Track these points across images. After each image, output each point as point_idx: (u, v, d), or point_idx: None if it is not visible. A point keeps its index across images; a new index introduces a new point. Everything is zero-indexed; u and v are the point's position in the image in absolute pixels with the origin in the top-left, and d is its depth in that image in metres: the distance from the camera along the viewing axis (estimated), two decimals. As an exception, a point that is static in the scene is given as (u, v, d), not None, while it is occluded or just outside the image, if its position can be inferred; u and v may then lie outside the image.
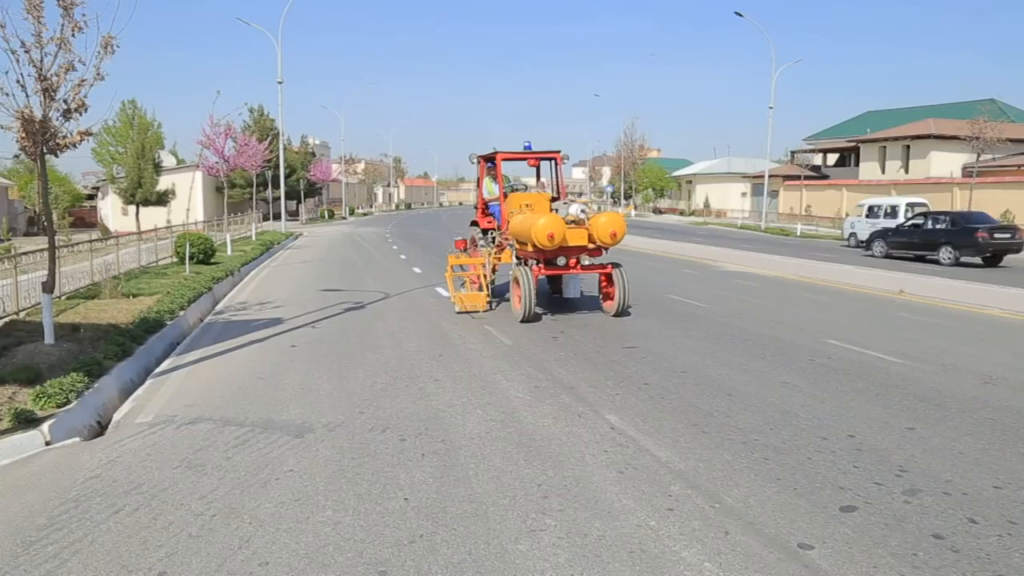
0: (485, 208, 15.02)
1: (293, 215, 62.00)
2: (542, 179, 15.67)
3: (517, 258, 13.25)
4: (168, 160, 54.28)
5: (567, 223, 12.14)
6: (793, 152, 70.56)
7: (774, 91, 49.35)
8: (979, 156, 37.61)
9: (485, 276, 13.85)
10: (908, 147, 48.66)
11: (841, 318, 13.05)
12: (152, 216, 45.03)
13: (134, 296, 13.88)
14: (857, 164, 54.54)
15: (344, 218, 70.96)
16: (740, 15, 45.83)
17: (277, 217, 47.37)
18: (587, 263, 12.63)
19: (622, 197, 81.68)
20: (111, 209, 53.73)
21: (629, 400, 7.62)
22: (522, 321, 11.98)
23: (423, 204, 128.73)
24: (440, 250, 29.52)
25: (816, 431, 6.64)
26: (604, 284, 13.01)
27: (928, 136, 46.46)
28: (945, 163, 45.49)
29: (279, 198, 45.91)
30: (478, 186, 15.41)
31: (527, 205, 13.40)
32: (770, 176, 53.87)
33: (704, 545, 4.52)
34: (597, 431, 6.65)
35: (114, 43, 8.55)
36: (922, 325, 12.37)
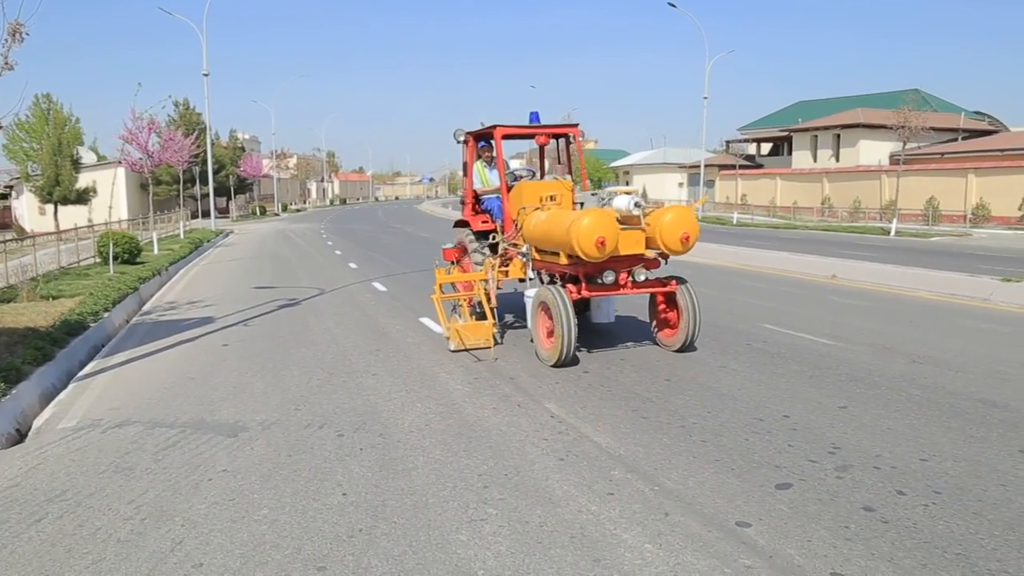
0: (476, 203, 11.26)
1: (223, 212, 60.57)
2: (551, 163, 12.36)
3: (536, 272, 10.07)
4: (88, 157, 52.23)
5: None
6: (728, 142, 72.10)
7: (708, 81, 50.27)
8: (905, 145, 39.05)
9: (488, 297, 9.99)
10: (838, 136, 50.17)
11: (777, 303, 13.37)
12: (72, 215, 43.28)
13: (54, 298, 13.33)
14: (790, 153, 55.99)
15: (277, 215, 69.66)
16: (673, 6, 46.41)
17: (206, 215, 46.23)
18: (642, 278, 8.85)
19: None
20: (27, 209, 51.48)
21: (568, 389, 7.65)
22: (556, 365, 8.38)
23: (358, 199, 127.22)
24: (376, 245, 29.28)
25: (752, 413, 6.77)
26: (662, 307, 9.33)
27: (857, 125, 47.99)
28: (874, 152, 47.08)
29: (208, 195, 44.79)
30: (465, 173, 11.67)
31: (550, 198, 9.40)
32: (706, 166, 54.89)
33: (645, 527, 4.56)
34: (537, 420, 6.66)
35: (23, 30, 8.16)
36: (854, 308, 12.75)
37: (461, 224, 11.57)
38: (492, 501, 4.97)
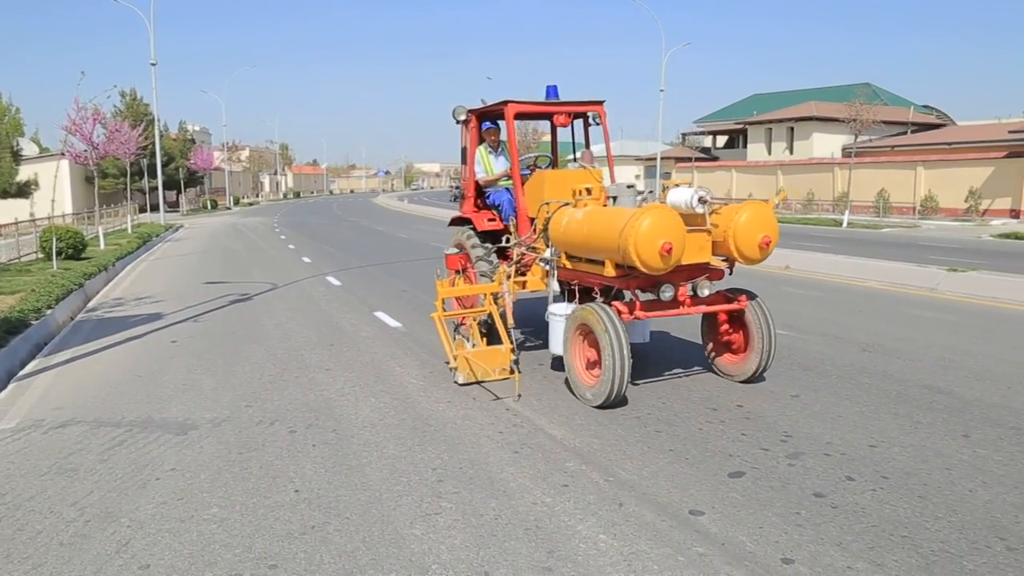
0: (480, 196, 9.40)
1: (173, 206, 59.36)
2: (580, 149, 9.37)
3: (563, 284, 7.93)
4: (30, 148, 50.57)
5: None
6: (684, 134, 72.84)
7: (664, 74, 50.68)
8: (857, 137, 39.91)
9: (503, 316, 7.89)
10: (792, 129, 51.00)
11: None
12: (12, 209, 41.62)
13: (-5, 295, 12.89)
14: (745, 146, 56.75)
15: (229, 208, 68.49)
16: (632, -3, 46.51)
17: (155, 208, 45.20)
18: (706, 293, 7.06)
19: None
20: (-35, 203, 49.78)
21: (524, 381, 7.64)
22: (602, 406, 6.60)
23: (313, 192, 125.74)
24: (331, 239, 28.96)
25: (706, 403, 6.84)
26: (724, 328, 7.46)
27: (810, 118, 48.84)
28: (827, 144, 48.00)
29: (157, 188, 43.76)
30: (464, 160, 9.53)
31: (586, 190, 7.33)
32: (662, 158, 55.37)
33: (599, 518, 4.58)
34: (492, 413, 6.64)
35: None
36: (806, 298, 12.98)
37: (459, 222, 9.59)
38: (446, 495, 4.94)
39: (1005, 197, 35.97)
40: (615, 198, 7.28)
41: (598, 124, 9.21)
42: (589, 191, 7.34)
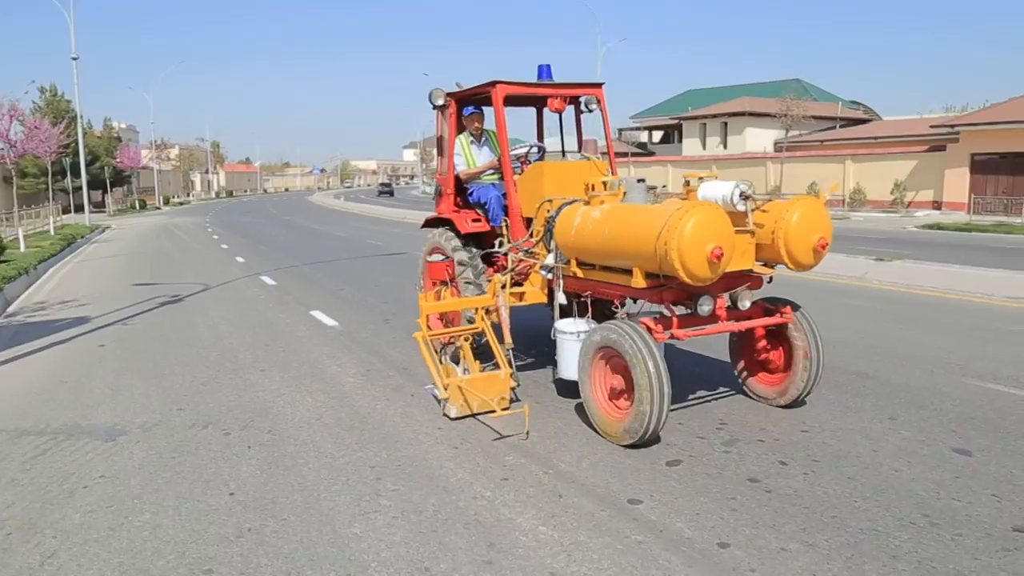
0: (461, 192, 8.24)
1: (99, 206, 57.44)
2: (577, 139, 8.92)
3: (571, 296, 6.69)
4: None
5: None
6: (621, 130, 73.61)
7: (600, 69, 51.06)
8: (787, 132, 40.97)
9: (499, 334, 6.80)
10: (726, 124, 52.00)
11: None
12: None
13: (-93, 301, 12.28)
14: (681, 141, 57.63)
15: (159, 208, 66.65)
16: (565, -9, 46.75)
17: (80, 209, 43.60)
18: (747, 305, 6.06)
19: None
20: None
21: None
22: (633, 445, 5.55)
23: (246, 191, 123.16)
24: (265, 238, 28.42)
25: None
26: (761, 344, 6.51)
27: (743, 113, 49.88)
28: (759, 139, 49.10)
29: (81, 188, 42.22)
30: (441, 152, 8.47)
31: (601, 185, 6.28)
32: (600, 154, 55.69)
33: (539, 510, 4.60)
34: (431, 410, 6.60)
35: None
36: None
37: (435, 223, 8.39)
38: (385, 492, 4.90)
39: (928, 189, 37.37)
40: (624, 194, 6.30)
41: (591, 111, 8.21)
42: (605, 186, 6.25)
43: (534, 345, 8.40)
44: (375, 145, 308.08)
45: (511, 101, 7.85)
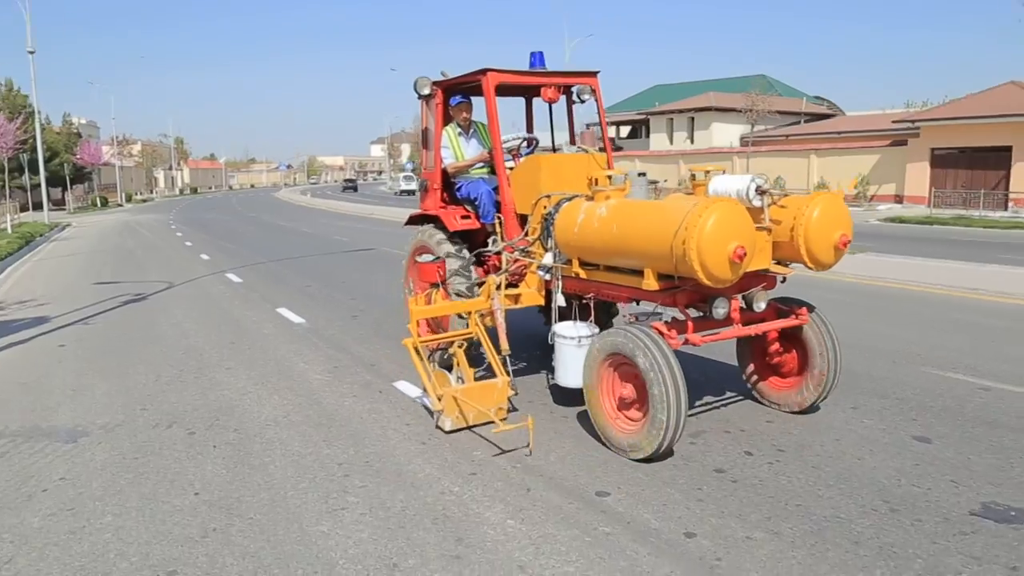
0: (449, 187, 7.79)
1: (59, 204, 56.34)
2: (576, 129, 8.27)
3: (571, 297, 6.39)
4: None
5: None
6: (588, 125, 73.89)
7: (567, 64, 51.06)
8: (753, 127, 41.40)
9: (495, 340, 6.44)
10: (692, 119, 52.33)
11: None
12: None
13: None
14: (648, 135, 57.90)
15: (120, 205, 65.54)
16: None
17: (39, 207, 42.67)
18: (763, 307, 5.69)
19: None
20: None
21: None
22: (647, 459, 5.16)
23: (211, 188, 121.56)
24: (230, 235, 28.07)
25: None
26: (773, 348, 6.09)
27: (709, 108, 50.24)
28: (726, 134, 49.50)
29: (40, 185, 41.31)
30: (425, 144, 8.07)
31: (606, 179, 5.92)
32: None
33: (507, 504, 4.61)
34: (399, 405, 6.59)
35: None
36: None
37: (420, 220, 8.02)
38: (353, 489, 4.87)
39: (890, 183, 37.98)
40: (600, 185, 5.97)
41: (583, 101, 7.82)
42: (610, 180, 5.89)
43: (524, 348, 8.29)
44: (342, 141, 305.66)
45: (500, 91, 7.39)
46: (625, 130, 67.06)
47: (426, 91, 7.53)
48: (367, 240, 22.93)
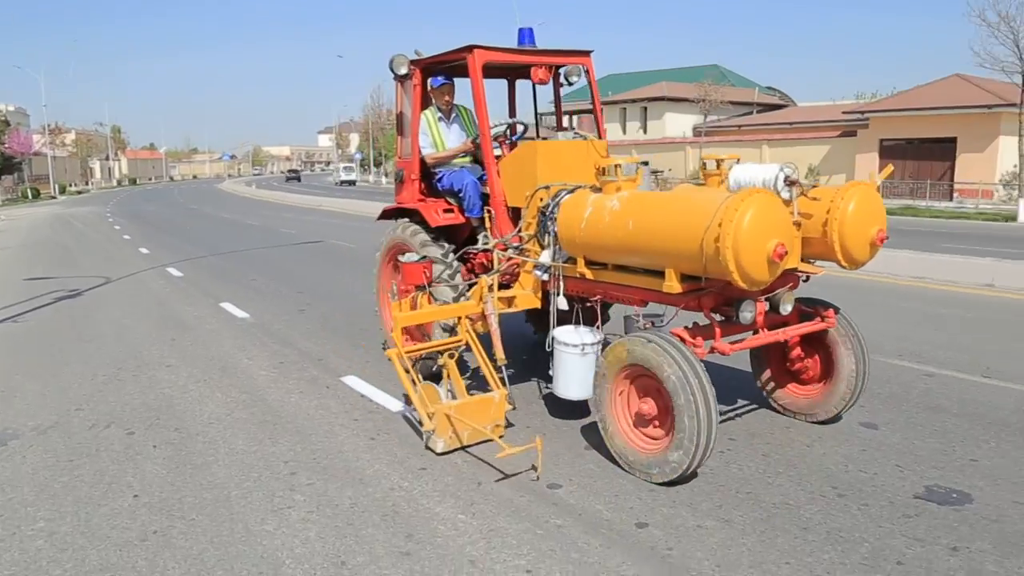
0: (429, 177, 7.12)
1: (-11, 197, 54.24)
2: (573, 117, 8.06)
3: (572, 300, 5.87)
4: None
5: None
6: (541, 114, 73.83)
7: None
8: (706, 117, 41.89)
9: (482, 348, 5.89)
10: (645, 109, 52.62)
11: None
12: None
13: None
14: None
15: (54, 197, 63.36)
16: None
17: (-33, 200, 41.06)
18: (789, 310, 5.20)
19: (372, 164, 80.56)
20: None
21: (379, 367, 7.48)
22: (672, 482, 4.66)
23: (151, 179, 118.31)
24: (171, 228, 27.38)
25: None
26: (795, 353, 5.58)
27: (662, 98, 50.60)
28: (679, 124, 49.94)
29: (-32, 178, 39.71)
30: (400, 131, 7.59)
31: (614, 168, 5.34)
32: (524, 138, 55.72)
33: (458, 499, 4.55)
34: (347, 401, 6.46)
35: None
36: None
37: (393, 214, 7.40)
38: (300, 487, 4.75)
39: (840, 173, 38.80)
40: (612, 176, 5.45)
41: (571, 83, 7.54)
42: (618, 169, 5.31)
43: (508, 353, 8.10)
44: (289, 130, 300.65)
45: (494, 70, 7.03)
46: (577, 119, 67.25)
47: (403, 71, 6.90)
48: (315, 232, 22.57)
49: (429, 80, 6.98)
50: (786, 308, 5.17)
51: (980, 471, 4.85)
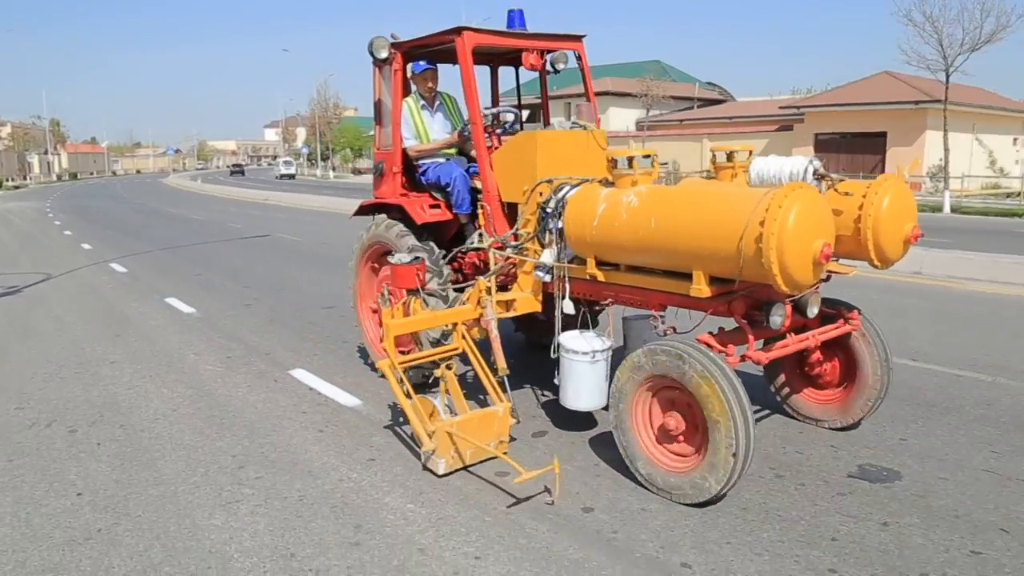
0: (411, 170, 6.66)
1: (-80, 193, 52.24)
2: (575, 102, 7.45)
3: (578, 303, 5.44)
4: None
5: None
6: (486, 109, 73.71)
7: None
8: (648, 112, 42.32)
9: (480, 357, 5.41)
10: (591, 103, 53.01)
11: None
12: None
13: None
14: (547, 120, 58.23)
15: (-10, 193, 61.23)
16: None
17: (-103, 195, 39.51)
18: (815, 312, 4.95)
19: (319, 159, 79.59)
20: None
21: (328, 359, 7.48)
22: (702, 503, 4.30)
23: (93, 173, 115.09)
24: (115, 223, 26.74)
25: (513, 370, 6.91)
26: (815, 357, 5.27)
27: (606, 93, 50.95)
28: (622, 118, 50.36)
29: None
30: (378, 119, 6.92)
31: (627, 161, 4.88)
32: (469, 133, 55.74)
33: (407, 488, 4.59)
34: (295, 394, 6.45)
35: None
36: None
37: (370, 210, 6.82)
38: (248, 481, 4.75)
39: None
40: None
41: (558, 71, 7.23)
42: (631, 162, 4.85)
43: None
44: (234, 124, 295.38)
45: (484, 54, 6.66)
46: (525, 113, 67.33)
47: (383, 54, 6.38)
48: (262, 226, 22.28)
49: (410, 65, 6.55)
50: (813, 311, 4.91)
51: (909, 450, 5.07)
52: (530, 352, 7.64)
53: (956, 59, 25.68)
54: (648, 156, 4.93)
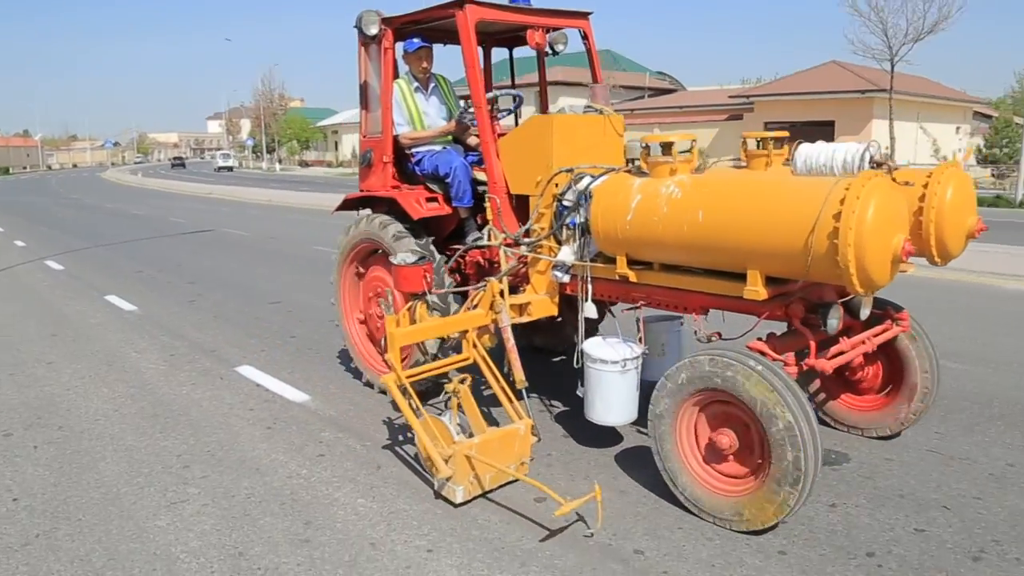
0: (405, 160, 6.01)
1: None
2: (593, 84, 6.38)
3: (600, 304, 5.03)
4: None
5: None
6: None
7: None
8: (599, 100, 42.57)
9: (505, 364, 4.96)
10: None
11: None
12: None
13: None
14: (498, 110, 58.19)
15: (-84, 190, 58.75)
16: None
17: None
18: (867, 314, 4.60)
19: (264, 151, 78.17)
20: None
21: (275, 355, 7.36)
22: (757, 531, 3.89)
23: (25, 168, 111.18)
24: (50, 219, 25.89)
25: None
26: (857, 360, 4.80)
27: (558, 83, 51.07)
28: (573, 108, 50.48)
29: None
30: (364, 104, 6.19)
31: (660, 148, 4.39)
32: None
33: (357, 483, 4.54)
34: (242, 391, 6.32)
35: None
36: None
37: (357, 204, 6.25)
38: (194, 480, 4.64)
39: (728, 155, 40.28)
40: (633, 160, 4.70)
41: (557, 53, 6.81)
42: (666, 149, 4.36)
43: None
44: (176, 116, 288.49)
45: (488, 31, 6.11)
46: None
47: (373, 30, 5.71)
48: (206, 221, 21.81)
49: (404, 43, 5.91)
50: (865, 312, 4.57)
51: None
52: (533, 353, 7.05)
53: (901, 49, 26.36)
54: (692, 141, 4.48)
